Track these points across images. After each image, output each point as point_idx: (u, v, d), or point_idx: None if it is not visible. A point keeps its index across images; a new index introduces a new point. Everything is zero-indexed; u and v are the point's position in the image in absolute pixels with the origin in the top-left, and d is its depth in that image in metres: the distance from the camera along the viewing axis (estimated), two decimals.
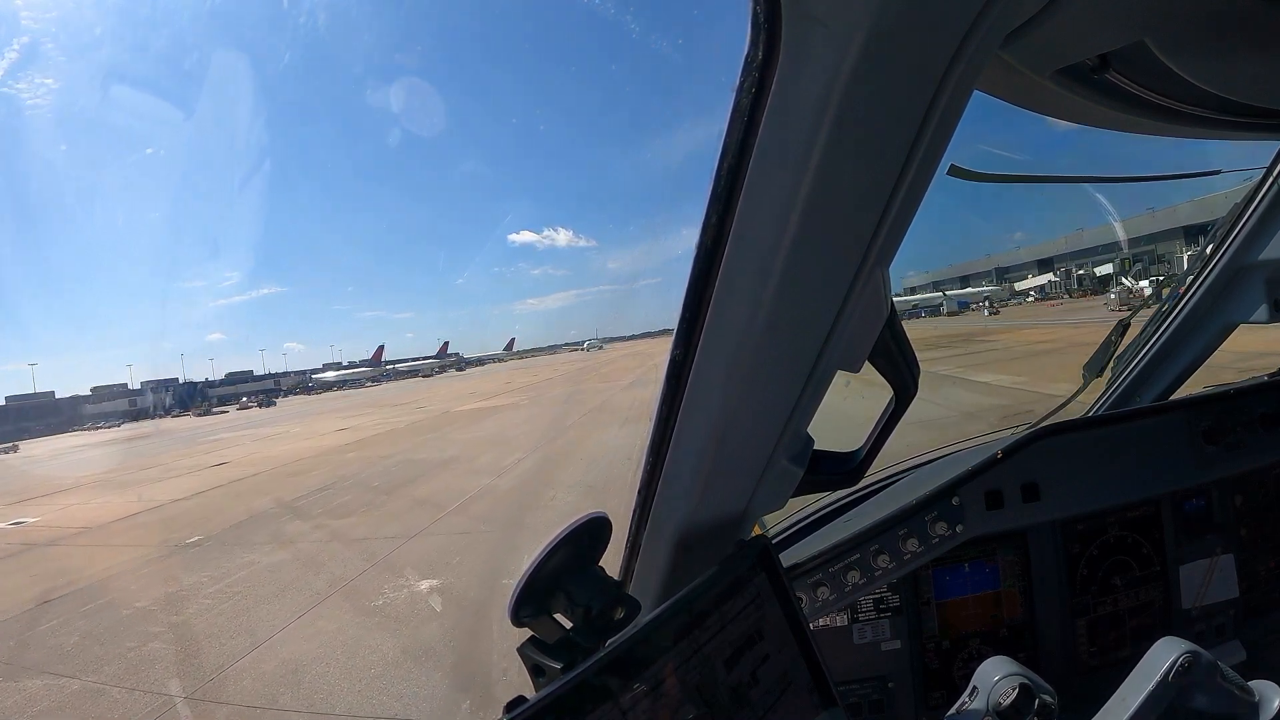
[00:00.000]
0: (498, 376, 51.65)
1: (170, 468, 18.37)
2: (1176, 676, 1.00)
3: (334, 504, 10.54)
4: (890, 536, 1.48)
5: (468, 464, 12.76)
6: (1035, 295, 50.43)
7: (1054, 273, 51.42)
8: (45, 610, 6.93)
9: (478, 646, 4.94)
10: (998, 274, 60.55)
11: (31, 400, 67.92)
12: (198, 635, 5.87)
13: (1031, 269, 56.15)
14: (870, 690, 1.58)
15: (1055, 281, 49.93)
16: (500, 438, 15.95)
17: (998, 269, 61.24)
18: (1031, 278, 54.18)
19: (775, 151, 0.62)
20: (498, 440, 15.53)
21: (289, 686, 4.76)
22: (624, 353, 62.70)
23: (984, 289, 57.36)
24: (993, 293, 54.71)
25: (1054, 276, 50.77)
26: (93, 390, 76.34)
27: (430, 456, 14.23)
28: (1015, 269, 59.12)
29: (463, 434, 17.82)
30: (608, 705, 0.76)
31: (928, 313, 52.41)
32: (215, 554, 8.46)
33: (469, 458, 13.53)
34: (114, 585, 7.60)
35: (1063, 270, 49.88)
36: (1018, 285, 54.61)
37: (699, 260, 0.73)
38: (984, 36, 0.55)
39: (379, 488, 11.44)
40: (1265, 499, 1.75)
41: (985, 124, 1.75)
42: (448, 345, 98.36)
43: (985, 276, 61.95)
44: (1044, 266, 54.48)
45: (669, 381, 0.87)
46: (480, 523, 8.22)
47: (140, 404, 65.56)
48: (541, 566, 0.82)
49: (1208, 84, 0.87)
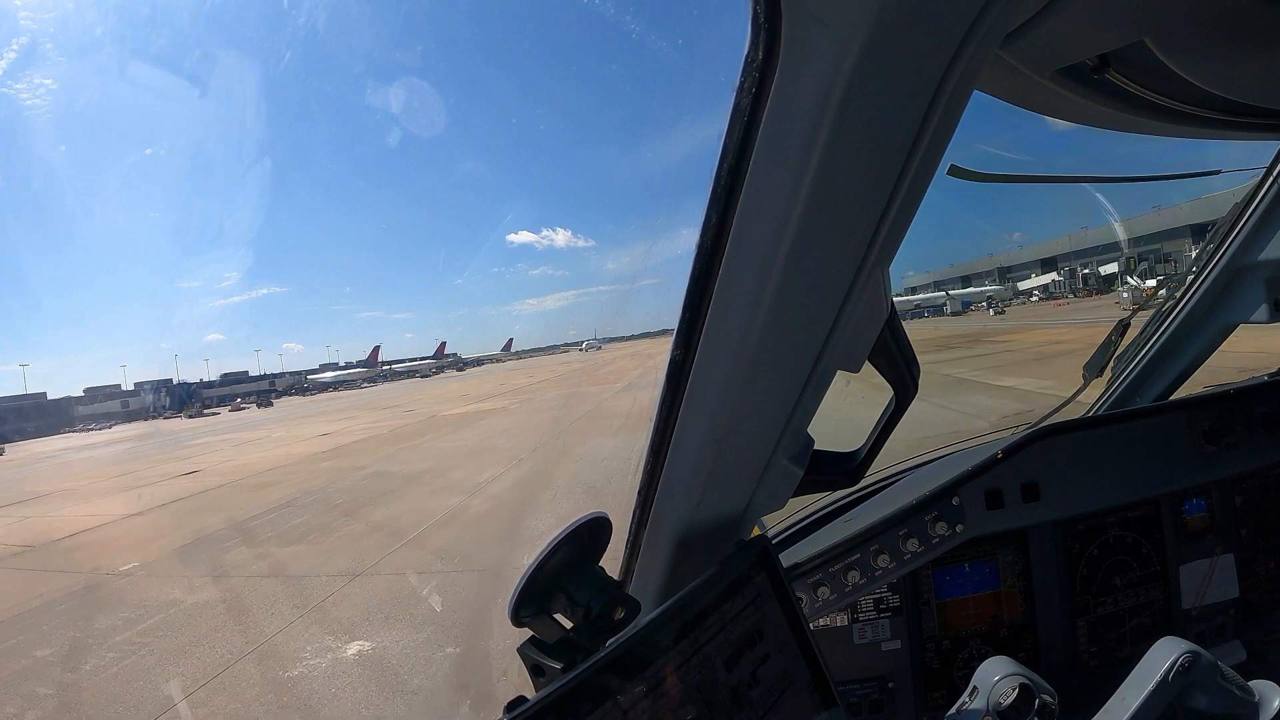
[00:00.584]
0: (493, 378, 50.48)
1: (141, 476, 17.54)
2: (1176, 676, 1.00)
3: (287, 526, 9.75)
4: (890, 536, 1.48)
5: (441, 479, 11.91)
6: (1039, 295, 49.99)
7: (1057, 272, 50.99)
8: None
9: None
10: (1000, 273, 60.12)
11: (22, 401, 66.47)
12: (81, 704, 5.09)
13: (1034, 268, 55.69)
14: (870, 690, 1.58)
15: (1059, 281, 49.45)
16: (482, 448, 15.16)
17: (1000, 268, 60.80)
18: (1035, 277, 53.68)
19: (775, 151, 0.62)
20: (479, 450, 14.77)
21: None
22: (623, 353, 60.69)
23: (987, 288, 56.88)
24: (996, 292, 54.32)
25: (1057, 276, 50.33)
26: (86, 391, 75.44)
27: (404, 469, 13.42)
28: (1018, 268, 58.64)
29: (445, 442, 16.85)
30: (608, 705, 0.76)
31: (931, 312, 52.02)
32: (142, 587, 7.73)
33: (443, 471, 12.60)
34: (22, 625, 6.84)
35: (1066, 270, 49.45)
36: (1021, 285, 54.16)
37: (699, 260, 0.74)
38: (984, 36, 0.55)
39: (340, 506, 10.71)
40: (1265, 499, 1.75)
41: (985, 124, 1.75)
42: (445, 345, 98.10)
43: (988, 276, 61.55)
44: (1047, 266, 54.04)
45: (669, 382, 0.87)
46: (438, 559, 7.31)
47: (133, 405, 65.08)
48: (541, 566, 0.82)
49: (1208, 84, 0.87)
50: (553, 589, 0.84)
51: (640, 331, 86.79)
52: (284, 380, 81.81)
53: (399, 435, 19.89)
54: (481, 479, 11.27)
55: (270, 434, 26.18)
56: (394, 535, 8.51)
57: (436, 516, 9.15)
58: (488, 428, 19.19)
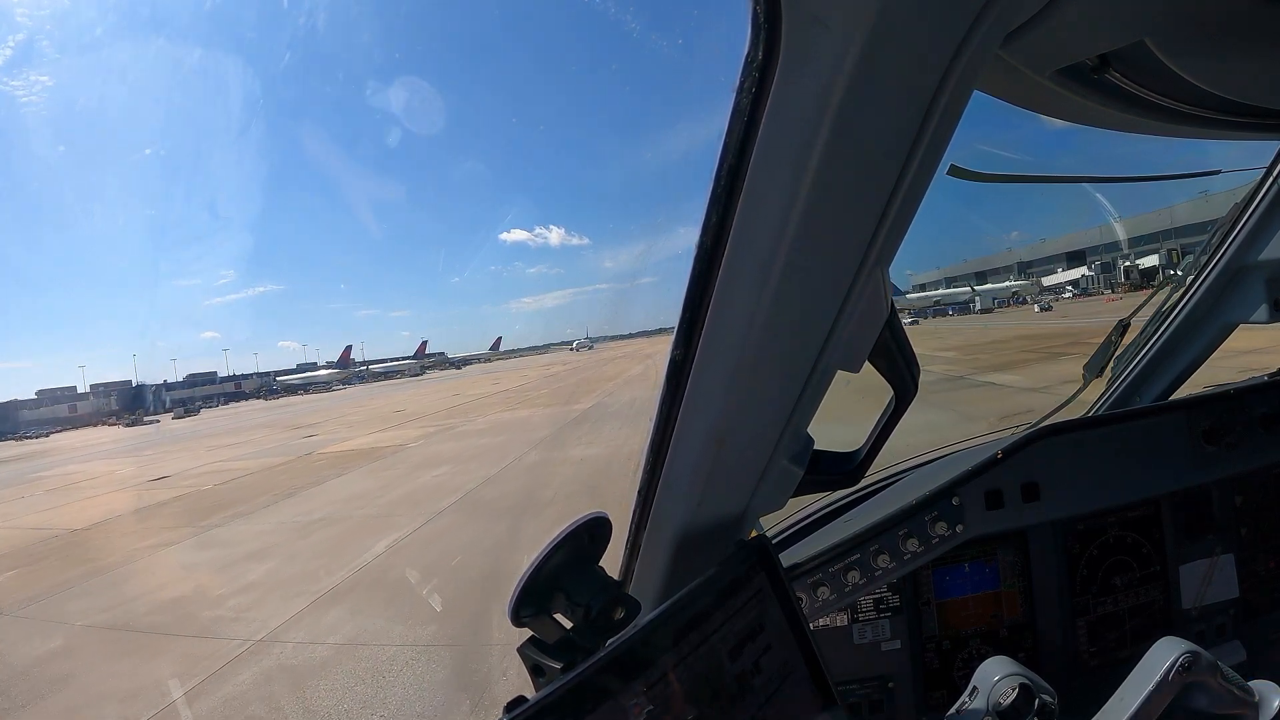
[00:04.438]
0: (458, 384, 46.62)
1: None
2: (1176, 676, 1.00)
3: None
4: (890, 536, 1.48)
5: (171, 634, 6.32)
6: (1072, 290, 47.33)
7: (1087, 266, 48.55)
8: None
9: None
10: (1020, 268, 57.84)
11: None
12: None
13: (1059, 263, 53.32)
14: (870, 690, 1.58)
15: (1089, 275, 47.07)
16: (312, 552, 8.48)
17: (1020, 263, 58.47)
18: (1061, 272, 51.35)
19: (775, 152, 0.62)
20: (292, 555, 8.48)
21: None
22: (618, 353, 57.53)
23: (1011, 284, 54.47)
24: (1021, 287, 52.03)
25: (1087, 270, 47.94)
26: (38, 394, 73.16)
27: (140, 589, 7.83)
28: (1039, 263, 56.35)
29: (256, 526, 10.46)
30: (608, 705, 0.76)
31: (956, 309, 49.36)
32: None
33: (192, 613, 6.86)
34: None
35: (1097, 264, 47.05)
36: (1046, 280, 51.77)
37: (699, 260, 0.73)
38: (984, 36, 0.56)
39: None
40: (1265, 499, 1.75)
41: (985, 124, 1.74)
42: (426, 345, 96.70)
43: (1006, 271, 59.39)
44: (1073, 260, 51.71)
45: (669, 382, 0.87)
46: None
47: (80, 410, 63.04)
48: (542, 566, 0.82)
49: (1208, 84, 0.87)
50: (553, 589, 0.84)
51: (638, 330, 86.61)
52: (251, 382, 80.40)
53: (217, 498, 13.31)
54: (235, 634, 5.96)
55: (118, 467, 21.56)
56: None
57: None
58: (370, 483, 12.66)
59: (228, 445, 24.66)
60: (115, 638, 6.50)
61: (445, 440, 17.91)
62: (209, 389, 77.52)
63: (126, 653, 6.08)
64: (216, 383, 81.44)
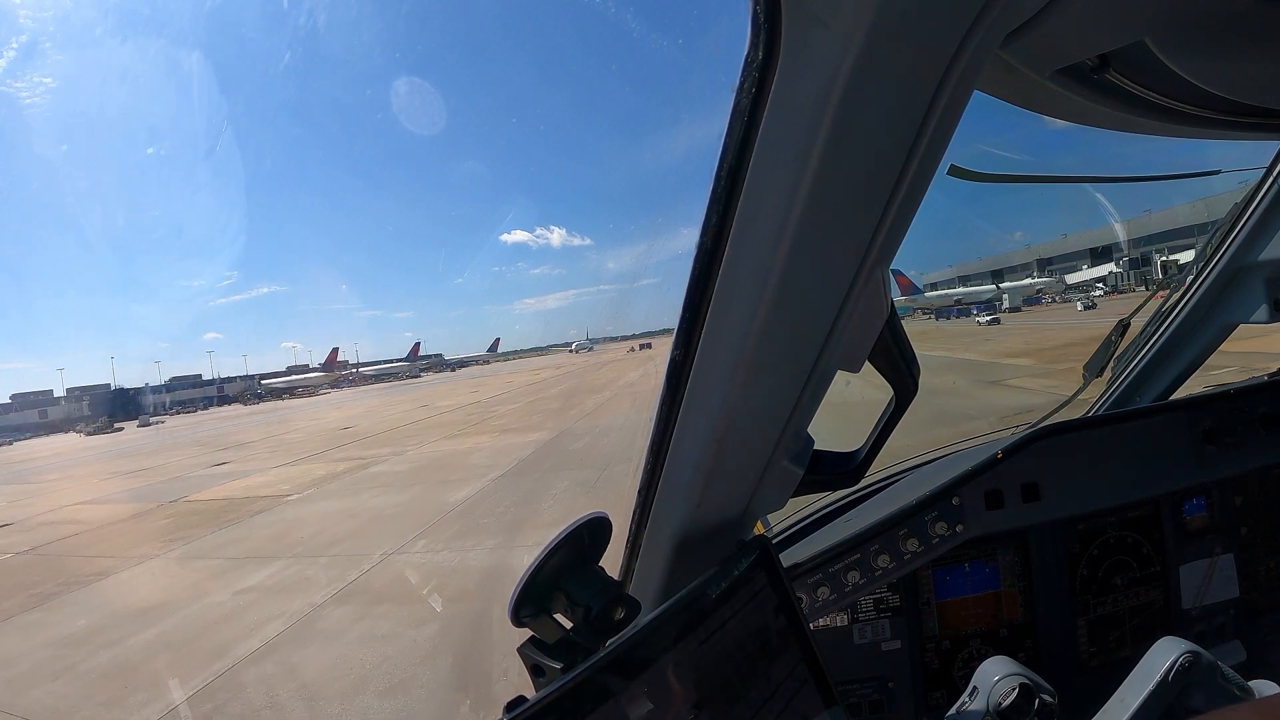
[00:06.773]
0: (438, 389, 44.67)
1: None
2: (1176, 676, 1.00)
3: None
4: (890, 536, 1.48)
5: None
6: (1102, 288, 44.61)
7: (1115, 263, 46.26)
8: None
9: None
10: (1040, 265, 55.37)
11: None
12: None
13: (1083, 259, 50.65)
14: (870, 690, 1.58)
15: (1117, 272, 44.70)
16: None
17: (1040, 260, 55.78)
18: (1086, 268, 48.87)
19: (775, 152, 0.62)
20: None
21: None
22: (618, 355, 56.05)
23: (1035, 280, 51.67)
24: (1046, 284, 49.77)
25: (1115, 267, 45.69)
26: (12, 398, 71.46)
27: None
28: (1059, 259, 53.56)
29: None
30: (608, 705, 0.76)
31: (980, 309, 45.78)
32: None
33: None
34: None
35: (1124, 260, 44.74)
36: (1070, 277, 49.03)
37: (699, 260, 0.73)
38: (984, 36, 0.55)
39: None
40: (1265, 499, 1.75)
41: (985, 124, 1.73)
42: (419, 347, 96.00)
43: (1025, 269, 56.78)
44: (1098, 256, 49.22)
45: (669, 382, 0.86)
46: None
47: (52, 415, 61.18)
48: (541, 566, 0.82)
49: (1208, 84, 0.86)
50: (553, 589, 0.84)
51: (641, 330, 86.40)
52: (235, 385, 79.13)
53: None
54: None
55: (27, 491, 18.22)
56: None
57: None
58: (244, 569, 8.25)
59: (109, 476, 20.25)
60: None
61: (340, 494, 12.81)
62: (191, 393, 76.24)
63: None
64: (200, 386, 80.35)
